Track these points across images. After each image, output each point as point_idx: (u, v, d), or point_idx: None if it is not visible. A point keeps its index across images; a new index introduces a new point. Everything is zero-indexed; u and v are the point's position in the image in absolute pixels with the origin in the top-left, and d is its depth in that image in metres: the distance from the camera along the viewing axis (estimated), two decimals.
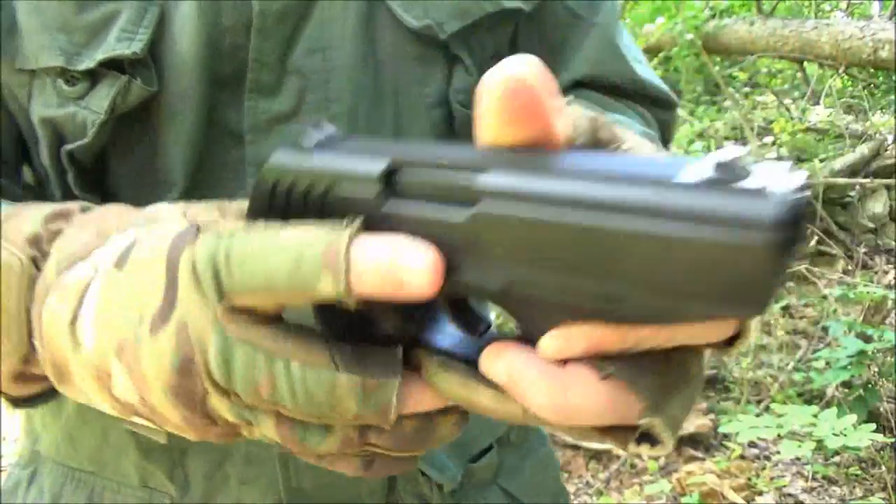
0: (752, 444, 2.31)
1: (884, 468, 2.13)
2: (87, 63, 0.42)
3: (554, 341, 0.23)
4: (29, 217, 0.34)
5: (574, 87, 0.56)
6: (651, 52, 4.65)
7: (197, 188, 0.45)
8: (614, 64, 0.56)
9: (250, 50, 0.44)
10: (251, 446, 0.49)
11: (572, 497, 2.48)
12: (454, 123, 0.49)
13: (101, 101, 0.42)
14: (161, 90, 0.43)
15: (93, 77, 0.42)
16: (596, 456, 2.68)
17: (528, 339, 0.24)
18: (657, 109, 0.59)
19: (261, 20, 0.43)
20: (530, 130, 0.23)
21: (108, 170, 0.45)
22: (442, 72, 0.49)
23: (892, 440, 1.92)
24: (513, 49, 0.53)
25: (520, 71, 0.22)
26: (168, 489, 0.50)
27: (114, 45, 0.41)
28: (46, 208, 0.35)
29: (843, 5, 4.64)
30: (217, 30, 0.43)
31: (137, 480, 0.50)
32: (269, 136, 0.45)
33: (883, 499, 2.04)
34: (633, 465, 2.60)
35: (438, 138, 0.49)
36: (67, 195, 0.44)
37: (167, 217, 0.31)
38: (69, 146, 0.43)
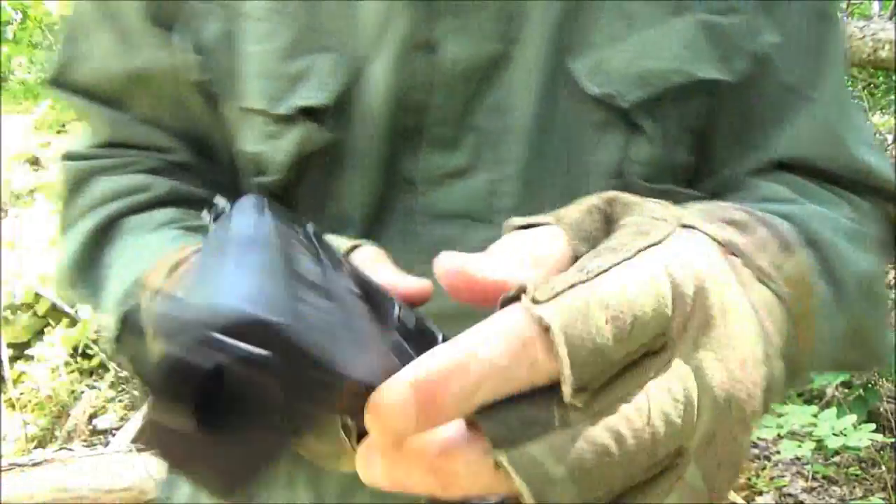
0: (752, 444, 2.31)
1: (884, 468, 2.13)
2: (284, 109, 0.46)
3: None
4: None
5: (775, 169, 0.49)
6: None
7: (372, 230, 0.48)
8: (828, 147, 0.49)
9: (432, 106, 0.46)
10: None
11: None
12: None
13: (290, 143, 0.46)
14: (346, 137, 0.47)
15: (287, 121, 0.47)
16: None
17: None
18: (881, 200, 0.50)
19: (446, 79, 0.46)
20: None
21: (294, 205, 0.49)
22: (620, 141, 0.46)
23: (892, 440, 1.92)
24: (710, 119, 0.48)
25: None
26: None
27: (307, 95, 0.46)
28: None
29: (843, 5, 4.64)
30: (405, 86, 0.46)
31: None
32: (441, 189, 0.47)
33: (883, 499, 2.04)
34: None
35: None
36: None
37: None
38: (260, 179, 0.48)
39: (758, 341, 0.23)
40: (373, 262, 0.34)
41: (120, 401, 3.49)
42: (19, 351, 3.64)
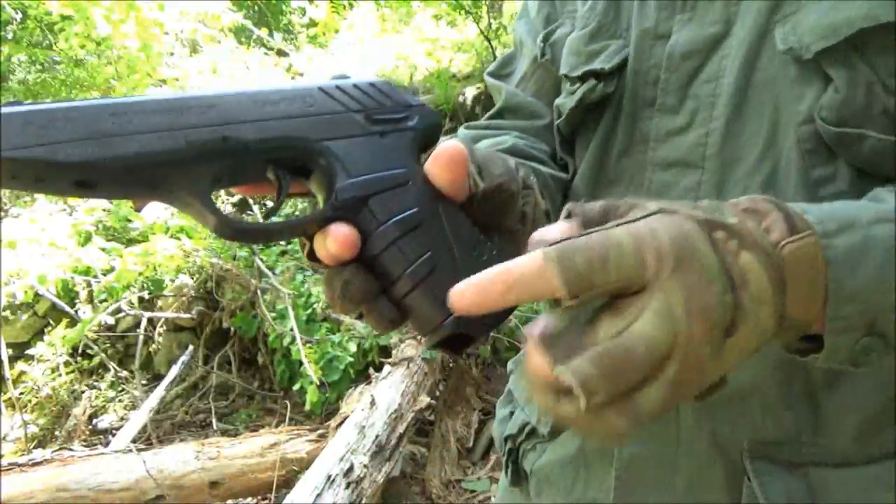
0: None
1: None
2: (578, 72, 0.66)
3: None
4: None
5: None
6: None
7: (615, 172, 0.65)
8: None
9: (663, 80, 0.61)
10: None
11: None
12: (818, 139, 0.53)
13: (577, 95, 0.65)
14: (612, 99, 0.64)
15: (579, 80, 0.65)
16: None
17: None
18: None
19: (669, 60, 0.60)
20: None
21: (572, 143, 0.69)
22: (813, 91, 0.53)
23: None
24: None
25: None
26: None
27: (597, 64, 0.64)
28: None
29: None
30: (646, 65, 0.63)
31: None
32: (666, 144, 0.60)
33: None
34: None
35: (804, 155, 0.53)
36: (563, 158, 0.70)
37: None
38: (558, 122, 0.68)
39: (714, 280, 0.33)
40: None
41: (120, 401, 3.49)
42: (19, 351, 3.64)
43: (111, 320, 3.59)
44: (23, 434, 3.11)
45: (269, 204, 4.71)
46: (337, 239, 0.39)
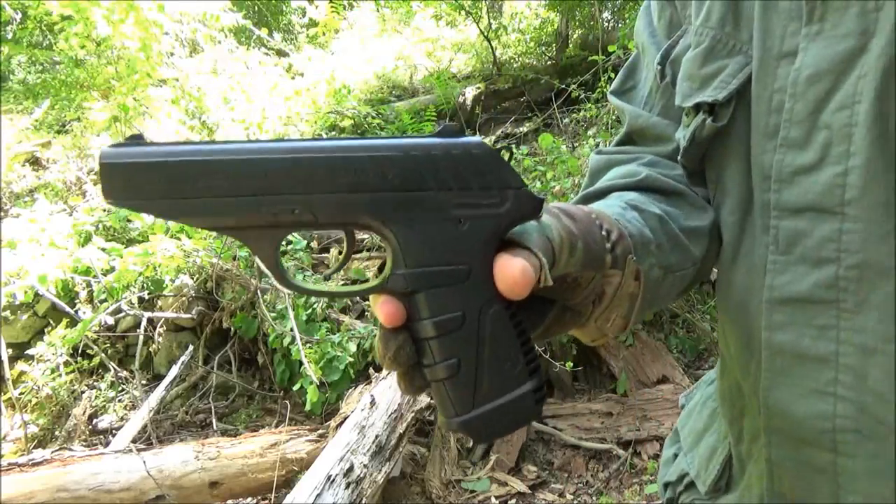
0: None
1: None
2: (689, 103, 0.58)
3: None
4: None
5: None
6: None
7: (742, 222, 0.57)
8: None
9: (787, 108, 0.51)
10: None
11: (572, 497, 2.48)
12: None
13: (689, 130, 0.58)
14: (731, 131, 0.56)
15: (690, 113, 0.58)
16: (596, 456, 2.68)
17: None
18: None
19: (794, 86, 0.51)
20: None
21: (696, 182, 0.62)
22: None
23: None
24: None
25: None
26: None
27: (708, 93, 0.56)
28: None
29: None
30: (769, 90, 0.53)
31: None
32: (792, 185, 0.51)
33: None
34: (633, 465, 2.60)
35: None
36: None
37: None
38: (679, 159, 0.61)
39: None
40: None
41: (120, 401, 3.49)
42: (19, 351, 3.64)
43: (111, 320, 3.59)
44: (23, 434, 3.11)
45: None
46: (382, 313, 0.39)
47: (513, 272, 0.38)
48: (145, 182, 0.36)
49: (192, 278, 3.65)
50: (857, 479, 0.51)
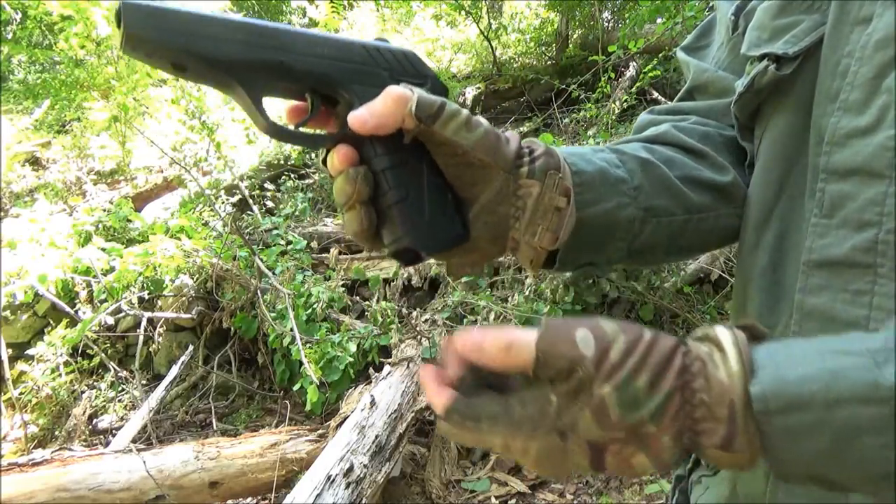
0: None
1: None
2: (755, 52, 0.58)
3: None
4: None
5: None
6: (651, 52, 4.64)
7: (782, 180, 0.57)
8: None
9: (852, 72, 0.51)
10: None
11: (572, 497, 2.48)
12: None
13: (749, 77, 0.58)
14: (789, 85, 0.56)
15: (754, 61, 0.58)
16: None
17: None
18: None
19: (862, 50, 0.50)
20: None
21: (750, 132, 0.62)
22: None
23: None
24: None
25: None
26: None
27: (780, 46, 0.55)
28: None
29: None
30: (839, 53, 0.52)
31: None
32: (844, 148, 0.50)
33: None
34: None
35: None
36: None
37: None
38: (732, 104, 0.61)
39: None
40: None
41: (120, 401, 3.49)
42: (19, 351, 3.64)
43: (111, 320, 3.59)
44: (23, 434, 3.12)
45: (268, 205, 4.71)
46: (340, 155, 0.49)
47: (353, 119, 0.48)
48: (166, 22, 0.44)
49: (192, 278, 3.65)
50: None
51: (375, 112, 0.48)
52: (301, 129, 0.52)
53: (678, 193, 0.60)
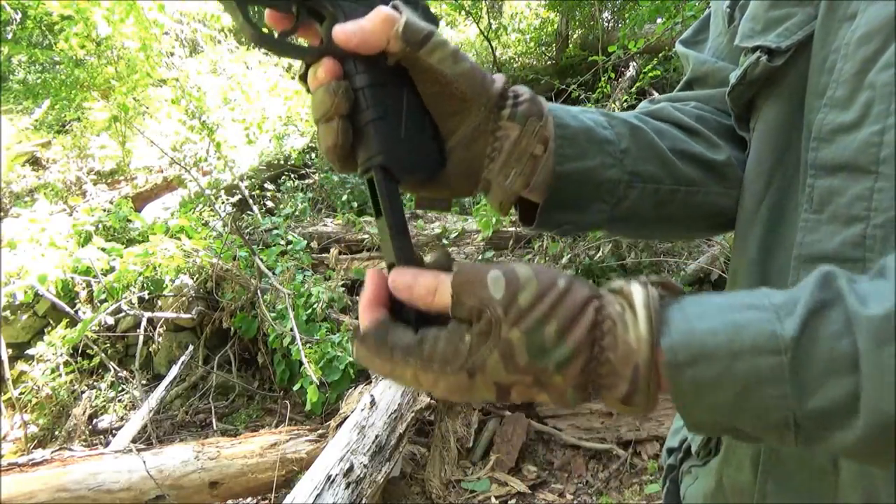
0: None
1: None
2: (748, 43, 0.58)
3: None
4: None
5: None
6: (651, 52, 4.64)
7: (771, 174, 0.58)
8: None
9: (838, 68, 0.51)
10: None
11: (572, 497, 2.48)
12: None
13: (741, 68, 0.58)
14: (781, 77, 0.56)
15: (747, 53, 0.58)
16: (596, 456, 2.68)
17: None
18: None
19: (846, 46, 0.51)
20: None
21: (739, 121, 0.63)
22: None
23: None
24: None
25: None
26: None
27: (772, 38, 0.56)
28: None
29: None
30: (827, 48, 0.52)
31: None
32: (831, 144, 0.51)
33: None
34: (633, 465, 2.60)
35: None
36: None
37: None
38: (726, 92, 0.61)
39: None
40: None
41: (120, 401, 3.50)
42: (19, 351, 3.64)
43: (111, 320, 3.59)
44: (23, 434, 3.12)
45: (268, 205, 4.71)
46: (325, 68, 0.48)
47: (339, 33, 0.48)
48: None
49: (192, 278, 3.65)
50: None
51: (362, 29, 0.48)
52: (285, 40, 0.51)
53: (667, 162, 0.60)
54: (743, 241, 0.61)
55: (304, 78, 0.51)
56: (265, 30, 0.50)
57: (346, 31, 0.48)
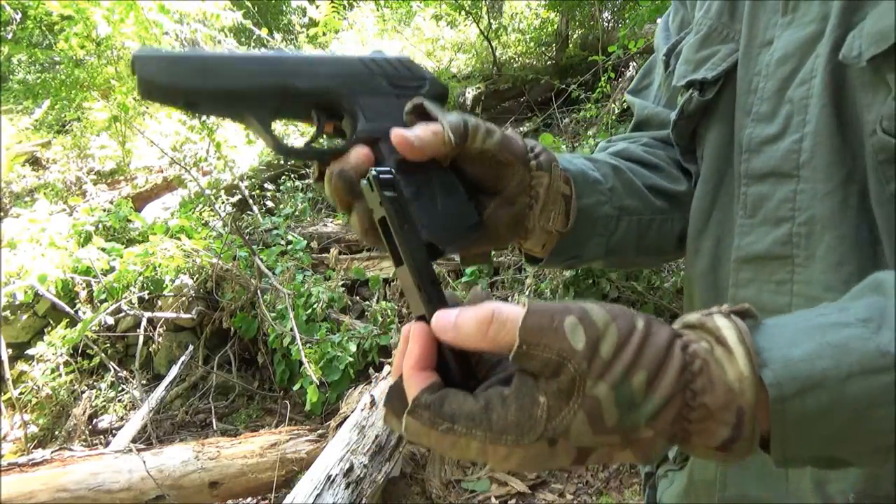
0: None
1: None
2: (682, 81, 0.65)
3: None
4: None
5: None
6: (651, 52, 4.64)
7: (715, 188, 0.63)
8: None
9: (760, 88, 0.58)
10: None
11: (572, 497, 2.48)
12: (890, 151, 0.49)
13: (680, 104, 0.65)
14: (715, 109, 0.63)
15: (683, 89, 0.65)
16: None
17: None
18: None
19: (767, 67, 0.58)
20: None
21: (677, 149, 0.69)
22: (882, 99, 0.49)
23: None
24: None
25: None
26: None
27: (701, 73, 0.63)
28: None
29: None
30: (750, 73, 0.59)
31: None
32: (759, 154, 0.57)
33: None
34: (632, 465, 2.60)
35: (878, 167, 0.50)
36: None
37: None
38: (663, 133, 0.72)
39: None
40: None
41: (120, 401, 3.49)
42: (19, 351, 3.64)
43: (111, 320, 3.59)
44: (23, 434, 3.12)
45: (268, 205, 4.71)
46: (357, 154, 0.50)
47: (398, 138, 0.49)
48: (175, 67, 0.48)
49: (192, 278, 3.65)
50: None
51: (420, 139, 0.49)
52: (311, 146, 0.53)
53: (643, 196, 0.66)
54: (694, 254, 0.66)
55: (320, 178, 0.53)
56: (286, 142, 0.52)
57: (406, 140, 0.49)
